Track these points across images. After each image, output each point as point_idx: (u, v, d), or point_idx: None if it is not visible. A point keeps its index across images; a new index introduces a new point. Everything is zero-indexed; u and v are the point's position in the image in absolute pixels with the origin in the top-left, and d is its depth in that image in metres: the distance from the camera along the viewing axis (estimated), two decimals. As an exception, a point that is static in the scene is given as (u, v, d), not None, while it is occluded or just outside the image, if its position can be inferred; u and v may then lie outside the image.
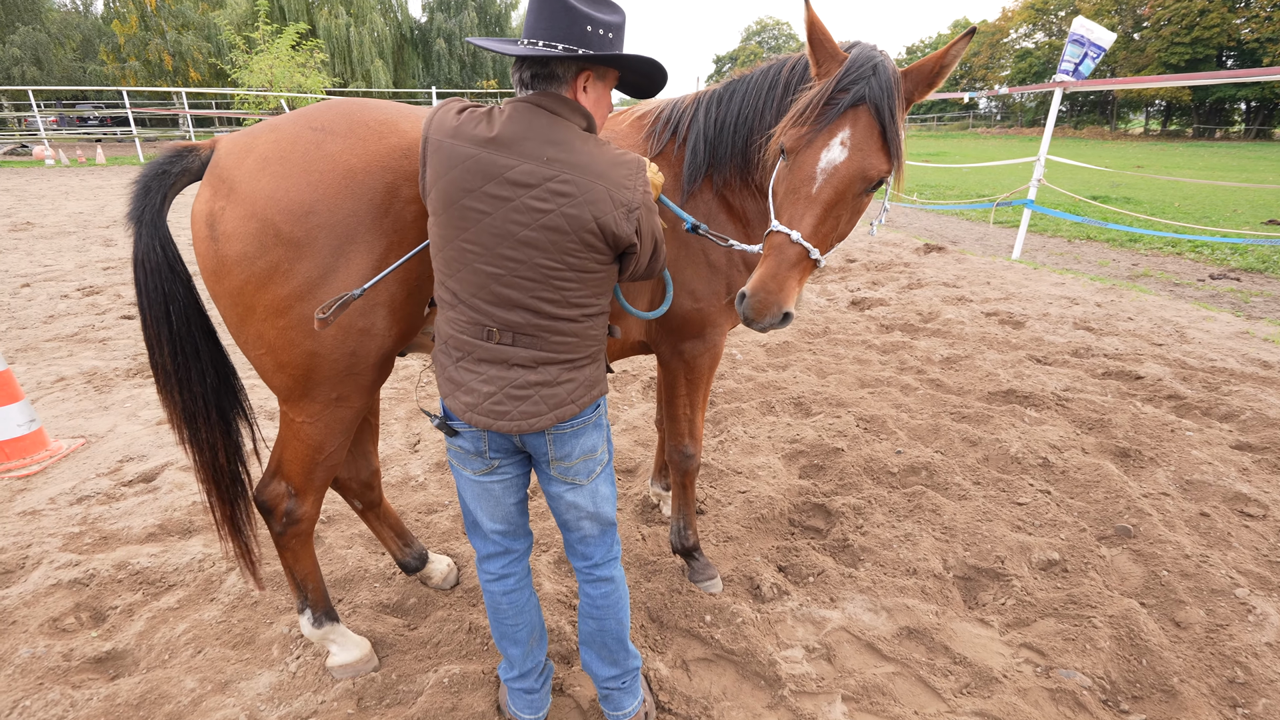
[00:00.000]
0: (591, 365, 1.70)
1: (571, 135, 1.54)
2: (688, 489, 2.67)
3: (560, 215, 1.51)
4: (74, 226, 10.91)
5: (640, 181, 1.57)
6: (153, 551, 2.95)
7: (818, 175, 1.68)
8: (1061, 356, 5.08)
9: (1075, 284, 7.17)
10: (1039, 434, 3.84)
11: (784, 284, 1.67)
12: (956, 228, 11.95)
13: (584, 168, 1.51)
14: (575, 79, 1.57)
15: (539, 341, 1.60)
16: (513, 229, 1.52)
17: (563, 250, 1.53)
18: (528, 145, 1.51)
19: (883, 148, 1.67)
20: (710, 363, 2.40)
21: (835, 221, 1.72)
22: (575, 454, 1.73)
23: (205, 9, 33.58)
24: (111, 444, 3.96)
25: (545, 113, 1.54)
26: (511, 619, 1.93)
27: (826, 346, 5.50)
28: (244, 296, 1.74)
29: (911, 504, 3.23)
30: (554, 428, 1.66)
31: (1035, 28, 60.98)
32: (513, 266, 1.54)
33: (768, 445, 3.88)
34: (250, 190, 1.69)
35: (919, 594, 2.63)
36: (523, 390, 1.61)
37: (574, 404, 1.66)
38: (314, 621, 2.28)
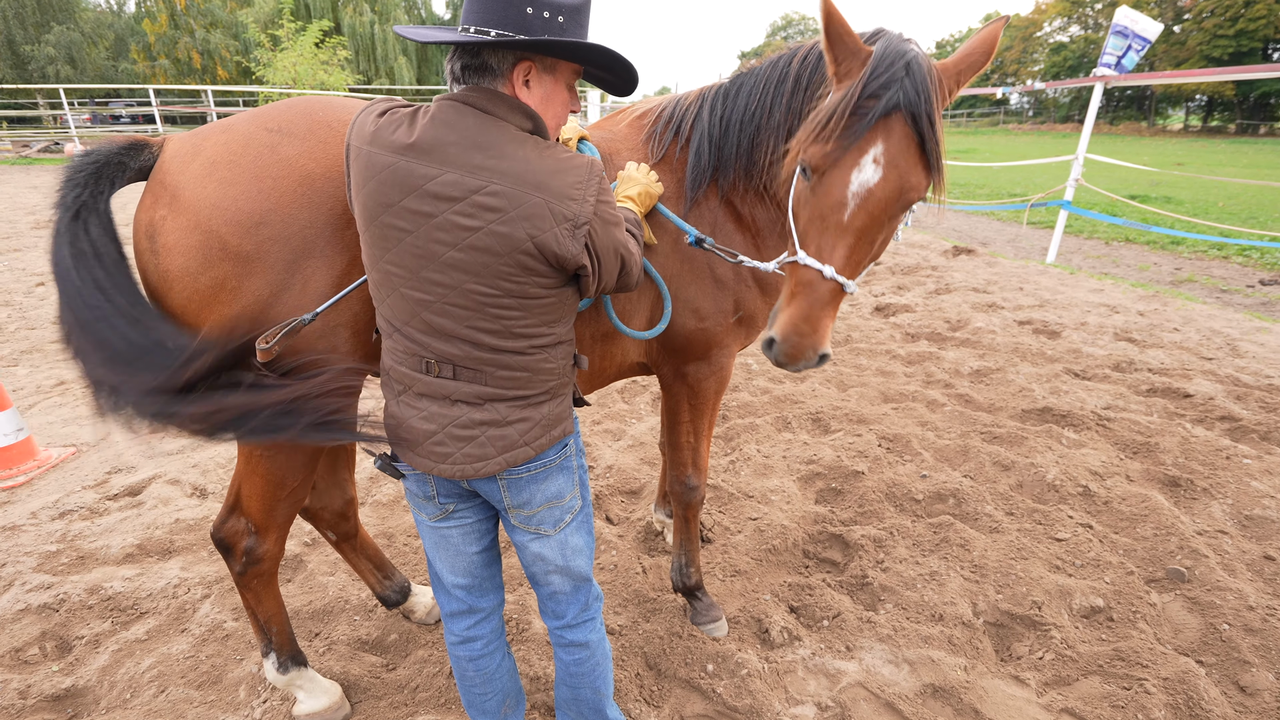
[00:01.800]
0: (550, 402, 1.47)
1: (504, 138, 1.30)
2: (690, 523, 2.45)
3: (488, 234, 1.27)
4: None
5: (591, 191, 1.32)
6: (128, 574, 2.80)
7: (849, 201, 1.45)
8: (1101, 371, 4.75)
9: (1115, 290, 6.78)
10: (1078, 458, 3.55)
11: (818, 325, 1.48)
12: (987, 228, 11.52)
13: (517, 176, 1.27)
14: (512, 71, 1.33)
15: (483, 376, 1.39)
16: (436, 249, 1.30)
17: (495, 274, 1.30)
18: (451, 151, 1.28)
19: (922, 162, 1.43)
20: (717, 387, 2.18)
21: (870, 248, 1.51)
22: (536, 501, 1.51)
23: (233, 7, 33.95)
24: (103, 454, 3.85)
25: (474, 111, 1.31)
26: (480, 687, 1.72)
27: (848, 356, 5.23)
28: (191, 313, 1.56)
29: (938, 537, 2.97)
30: (507, 472, 1.45)
31: (1070, 20, 59.37)
32: (441, 293, 1.33)
33: (782, 466, 3.64)
34: (194, 198, 1.51)
35: (945, 644, 2.38)
36: (467, 430, 1.41)
37: (528, 446, 1.44)
38: (279, 666, 2.09)
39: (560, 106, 1.42)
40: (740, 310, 2.06)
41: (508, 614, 2.54)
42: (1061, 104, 62.86)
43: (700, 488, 2.35)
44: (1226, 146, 32.86)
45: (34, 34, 32.49)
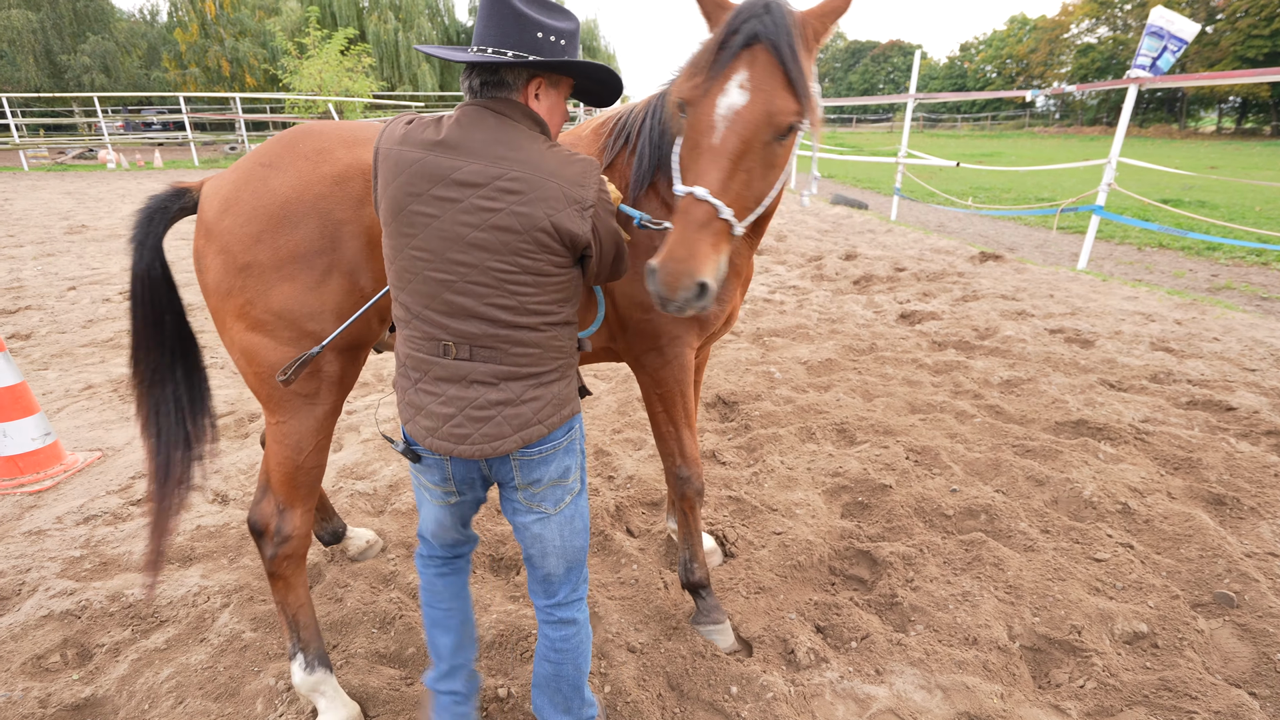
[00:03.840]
0: (560, 382, 1.61)
1: (521, 136, 1.49)
2: (689, 516, 2.43)
3: (510, 214, 1.45)
4: (125, 230, 11.16)
5: (594, 180, 1.52)
6: (149, 582, 2.79)
7: (718, 123, 1.53)
8: (1138, 382, 4.59)
9: (1150, 298, 6.59)
10: (1116, 474, 3.42)
11: (694, 249, 1.49)
12: (1014, 234, 11.30)
13: (534, 164, 1.46)
14: (526, 86, 1.54)
15: (499, 354, 1.52)
16: (462, 231, 1.46)
17: (515, 251, 1.47)
18: (475, 145, 1.47)
19: (787, 87, 1.51)
20: (677, 376, 2.24)
21: (747, 177, 1.55)
22: (544, 480, 1.64)
23: (261, 16, 34.58)
24: (127, 458, 3.88)
25: (494, 114, 1.50)
26: (446, 602, 1.87)
27: (873, 365, 5.12)
28: (220, 315, 1.95)
29: (970, 555, 2.87)
30: (520, 451, 1.57)
31: (1098, 22, 58.35)
32: (464, 272, 1.48)
33: (807, 478, 3.55)
34: (218, 230, 1.88)
35: (980, 670, 2.28)
36: (484, 411, 1.54)
37: (541, 424, 1.57)
38: (306, 666, 2.09)
39: (560, 115, 1.64)
40: None
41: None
42: (1089, 106, 61.75)
43: (693, 479, 2.35)
44: (1262, 149, 32.05)
45: (70, 44, 33.36)
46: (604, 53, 42.08)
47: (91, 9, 34.16)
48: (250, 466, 3.78)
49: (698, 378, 2.77)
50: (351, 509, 3.35)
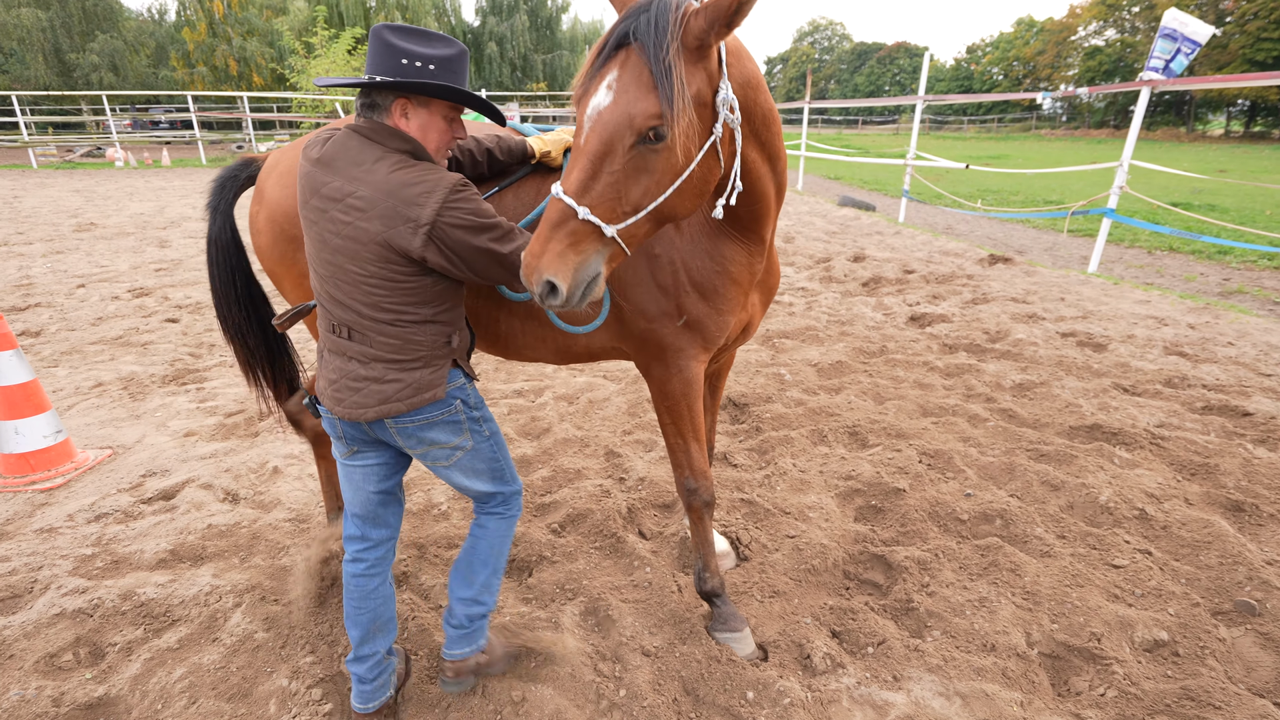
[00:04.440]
0: (423, 369, 1.81)
1: (373, 157, 1.69)
2: (699, 525, 2.42)
3: (356, 228, 1.68)
4: (133, 227, 11.21)
5: (434, 200, 1.64)
6: (161, 580, 2.79)
7: (585, 125, 1.54)
8: (1152, 386, 4.56)
9: (1162, 302, 6.54)
10: (1133, 479, 3.39)
11: (545, 247, 1.52)
12: (1022, 236, 11.25)
13: (376, 185, 1.66)
14: (392, 106, 1.74)
15: (368, 339, 1.78)
16: (328, 237, 1.73)
17: (362, 259, 1.70)
18: (339, 165, 1.71)
19: (653, 89, 1.48)
20: (682, 388, 2.22)
21: (614, 182, 1.53)
22: (423, 444, 1.90)
23: (269, 16, 34.70)
24: (138, 456, 3.87)
25: (359, 137, 1.72)
26: (356, 602, 2.05)
27: (884, 368, 5.10)
28: (274, 276, 2.32)
29: (986, 560, 2.84)
30: (395, 419, 1.83)
31: (1106, 24, 58.13)
32: (333, 270, 1.75)
33: (819, 481, 3.53)
34: (270, 199, 2.22)
35: (999, 677, 2.26)
36: (356, 383, 1.81)
37: (400, 402, 1.79)
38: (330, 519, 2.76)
39: (437, 133, 1.79)
40: (684, 315, 2.13)
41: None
42: (1096, 109, 61.53)
43: (700, 490, 2.33)
44: (1271, 152, 31.89)
45: (79, 43, 33.54)
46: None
47: (100, 8, 34.34)
48: (260, 465, 3.77)
49: (718, 385, 2.75)
50: (362, 509, 3.34)
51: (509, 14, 40.86)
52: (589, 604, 2.64)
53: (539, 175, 2.21)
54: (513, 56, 40.77)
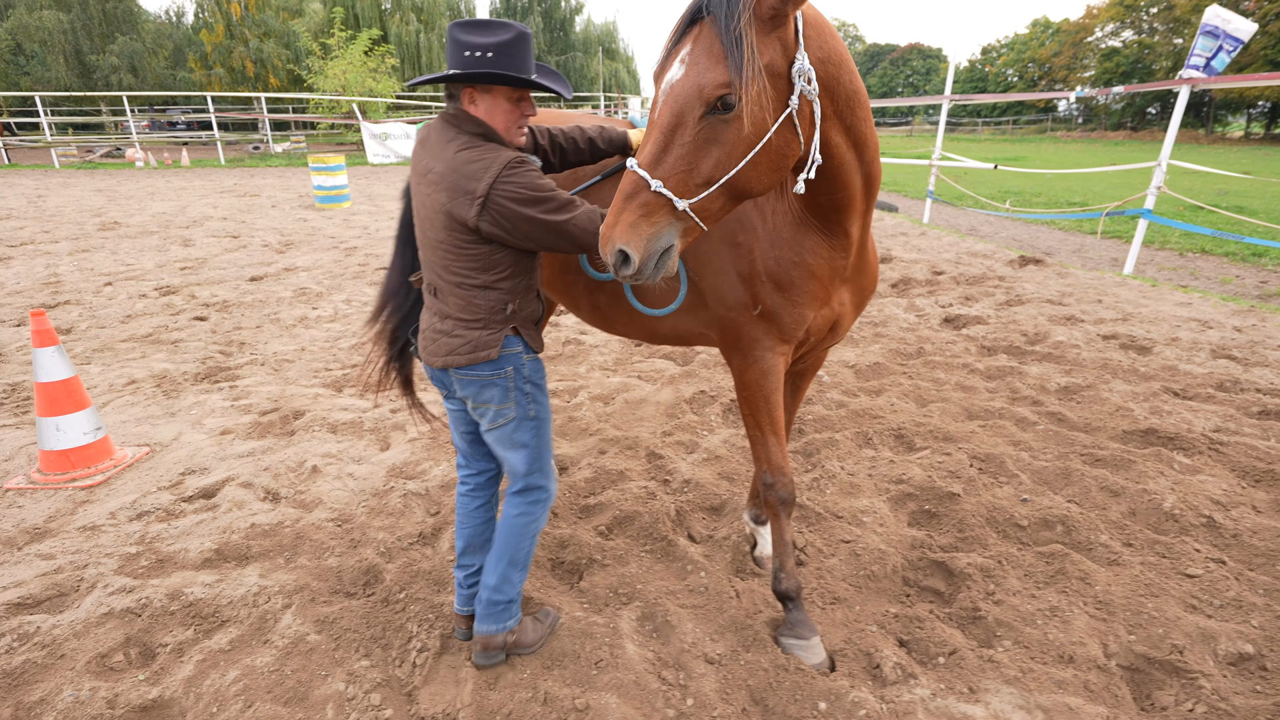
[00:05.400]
0: (482, 330, 2.02)
1: (451, 139, 1.91)
2: (774, 523, 2.38)
3: (433, 200, 1.93)
4: (156, 226, 11.26)
5: (490, 175, 1.82)
6: (208, 580, 2.75)
7: (659, 99, 1.58)
8: (1204, 390, 4.44)
9: (1204, 304, 6.40)
10: (1196, 485, 3.28)
11: (617, 218, 1.57)
12: (1048, 238, 11.09)
13: (446, 162, 1.89)
14: (462, 95, 1.96)
15: (444, 298, 2.04)
16: (418, 207, 2.02)
17: (436, 226, 1.95)
18: (429, 145, 1.98)
19: (722, 60, 1.49)
20: (758, 379, 2.20)
21: (685, 154, 1.54)
22: (475, 400, 2.12)
23: (286, 18, 34.93)
24: (175, 454, 3.84)
25: (443, 123, 1.97)
26: (459, 517, 2.44)
27: (923, 370, 5.00)
28: None
29: (1052, 568, 2.75)
30: (455, 371, 2.06)
31: (1123, 25, 57.52)
32: (422, 236, 2.04)
33: (869, 485, 3.45)
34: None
35: (1081, 690, 2.17)
36: (434, 335, 2.08)
37: (458, 355, 2.03)
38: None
39: (503, 115, 1.96)
40: (760, 305, 2.13)
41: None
42: (1113, 111, 60.88)
43: (778, 486, 2.28)
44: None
45: (99, 44, 33.89)
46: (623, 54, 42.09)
47: (120, 10, 34.70)
48: (299, 464, 3.73)
49: (802, 385, 2.68)
50: (405, 510, 3.29)
51: (523, 16, 40.98)
52: (645, 609, 2.58)
53: None
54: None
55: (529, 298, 2.11)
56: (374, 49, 26.51)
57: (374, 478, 3.60)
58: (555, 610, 2.52)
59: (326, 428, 4.17)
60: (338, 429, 4.16)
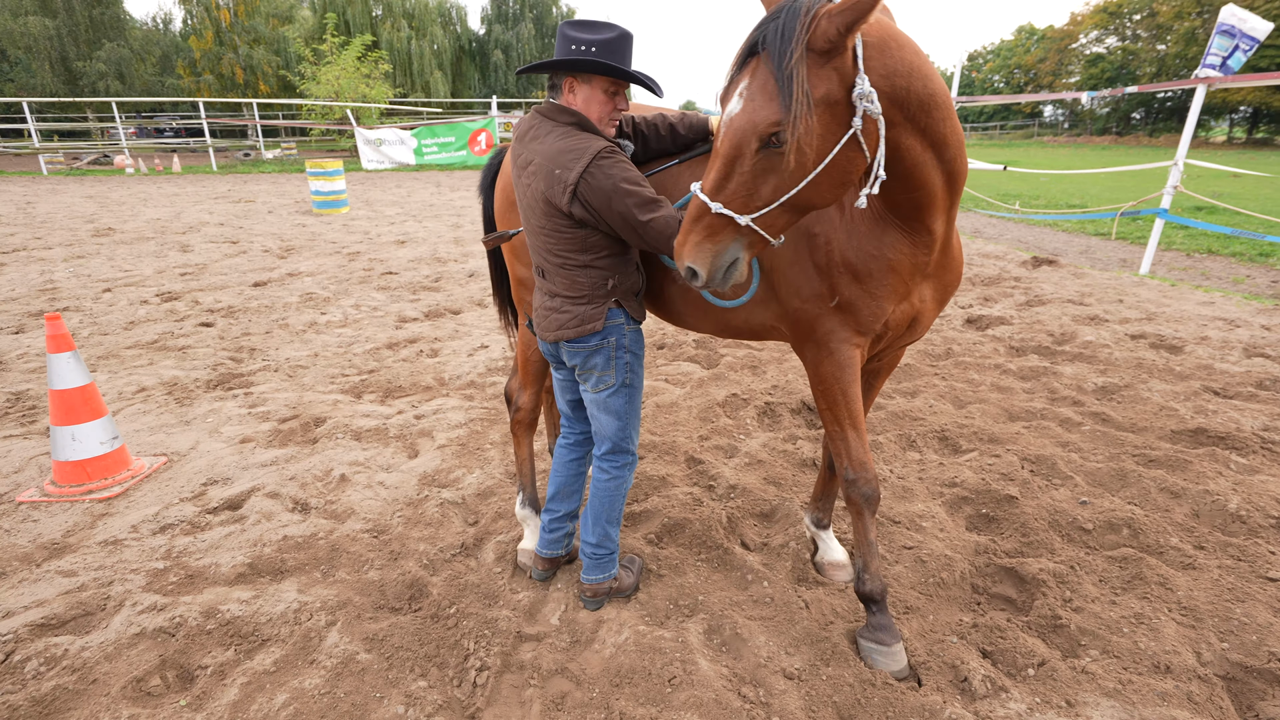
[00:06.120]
0: (587, 305, 2.18)
1: (549, 131, 2.05)
2: (859, 521, 2.28)
3: (533, 189, 2.07)
4: (152, 232, 11.04)
5: (580, 164, 1.94)
6: (243, 596, 2.60)
7: (721, 129, 1.67)
8: (1245, 389, 4.38)
9: (1226, 303, 6.38)
10: (1257, 485, 3.20)
11: (686, 237, 1.72)
12: (1054, 239, 11.09)
13: (543, 153, 2.02)
14: (563, 85, 2.09)
15: (551, 278, 2.20)
16: (522, 197, 2.16)
17: (537, 213, 2.10)
18: (527, 139, 2.11)
19: (775, 97, 1.55)
20: (834, 371, 2.15)
21: (744, 181, 1.64)
22: (581, 366, 2.29)
23: (275, 24, 34.69)
24: (194, 464, 3.68)
25: (540, 116, 2.11)
26: (555, 465, 2.65)
27: (955, 371, 4.92)
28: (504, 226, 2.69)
29: (1127, 573, 2.66)
30: (565, 343, 2.24)
31: (1107, 32, 58.32)
32: (526, 223, 2.20)
33: (921, 489, 3.34)
34: (504, 173, 2.66)
35: (1185, 702, 2.07)
36: (546, 312, 2.26)
37: (567, 329, 2.21)
38: (521, 504, 2.96)
39: (598, 105, 2.09)
40: (837, 296, 2.10)
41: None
42: (1098, 116, 61.64)
43: (860, 481, 2.20)
44: (1275, 157, 31.83)
45: (86, 51, 33.47)
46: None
47: (107, 17, 34.31)
48: (325, 473, 3.58)
49: (876, 384, 2.58)
50: (443, 520, 3.15)
51: (514, 22, 40.91)
52: (711, 622, 2.45)
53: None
54: (519, 65, 40.76)
55: (628, 271, 2.24)
56: (367, 55, 26.33)
57: (406, 486, 3.46)
58: (638, 557, 2.75)
59: (350, 435, 4.02)
60: (362, 436, 4.01)
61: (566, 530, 2.66)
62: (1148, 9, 52.14)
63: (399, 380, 4.87)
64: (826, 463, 2.78)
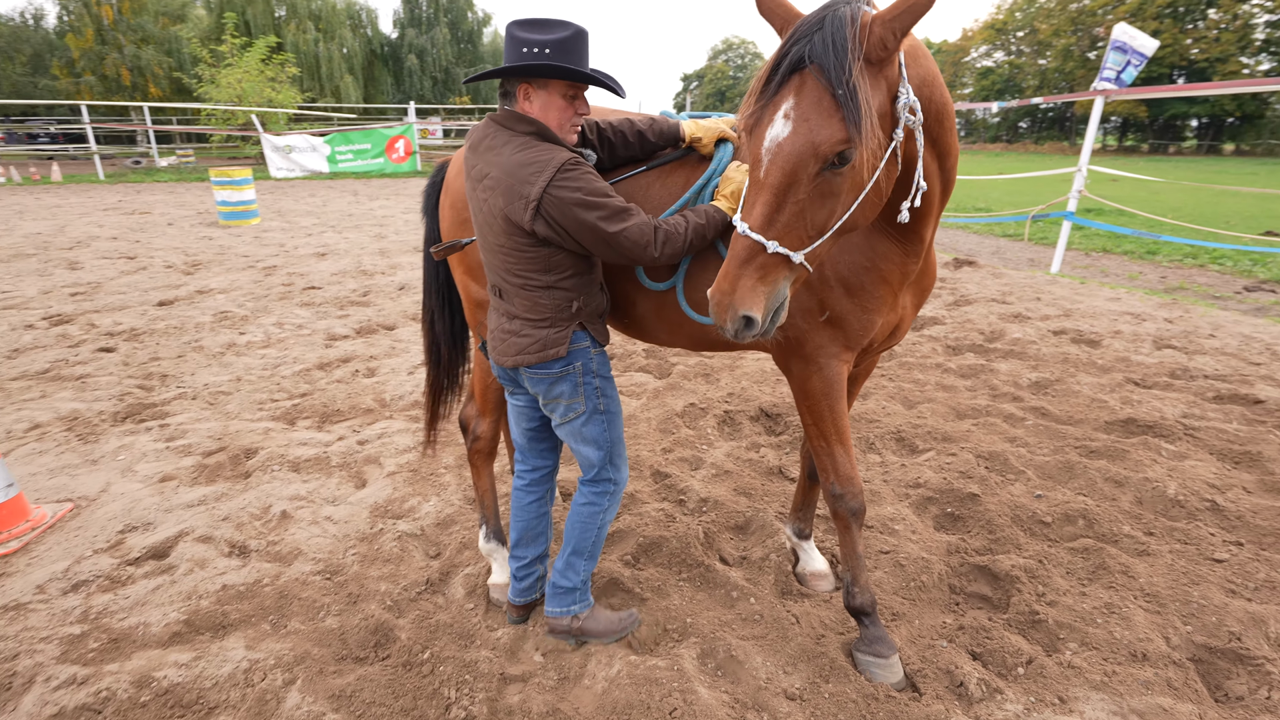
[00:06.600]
0: (550, 329, 2.03)
1: (506, 141, 1.89)
2: (846, 535, 2.26)
3: (490, 204, 1.92)
4: (33, 248, 9.99)
5: (544, 177, 1.80)
6: (182, 659, 2.31)
7: (764, 156, 1.51)
8: (1160, 379, 4.71)
9: (1131, 299, 6.88)
10: (1189, 471, 3.42)
11: (735, 284, 1.53)
12: (965, 241, 11.73)
13: (501, 165, 1.88)
14: (517, 92, 1.91)
15: (510, 299, 2.05)
16: (477, 213, 2.01)
17: (496, 230, 1.94)
18: (482, 150, 1.95)
19: (837, 113, 1.43)
20: (823, 387, 2.11)
21: (798, 211, 1.51)
22: (545, 396, 2.14)
23: (166, 23, 32.40)
24: (107, 509, 3.29)
25: (495, 125, 1.95)
26: (514, 510, 2.45)
27: (900, 371, 5.06)
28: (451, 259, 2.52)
29: (1091, 563, 2.76)
30: (526, 369, 2.09)
31: (995, 47, 62.78)
32: (482, 241, 2.04)
33: (888, 491, 3.39)
34: (452, 188, 2.46)
35: (1166, 689, 2.15)
36: (503, 335, 2.10)
37: (529, 354, 2.05)
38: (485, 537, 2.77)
39: (557, 111, 1.92)
40: (827, 310, 2.05)
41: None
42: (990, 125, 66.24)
43: (847, 496, 2.18)
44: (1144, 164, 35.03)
45: (-60, 48, 30.13)
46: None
47: (-34, 10, 31.00)
48: (263, 510, 3.27)
49: (854, 390, 2.56)
50: (403, 555, 2.93)
51: (428, 26, 39.89)
52: (704, 645, 2.37)
53: (688, 164, 2.17)
54: (434, 70, 39.76)
55: (593, 292, 2.10)
56: (272, 58, 24.94)
57: (357, 520, 3.21)
58: (635, 613, 2.49)
59: (287, 466, 3.70)
60: (301, 466, 3.71)
61: (538, 574, 2.50)
62: (1030, 27, 56.44)
63: (336, 403, 4.55)
64: (805, 472, 2.76)
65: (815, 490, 2.78)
